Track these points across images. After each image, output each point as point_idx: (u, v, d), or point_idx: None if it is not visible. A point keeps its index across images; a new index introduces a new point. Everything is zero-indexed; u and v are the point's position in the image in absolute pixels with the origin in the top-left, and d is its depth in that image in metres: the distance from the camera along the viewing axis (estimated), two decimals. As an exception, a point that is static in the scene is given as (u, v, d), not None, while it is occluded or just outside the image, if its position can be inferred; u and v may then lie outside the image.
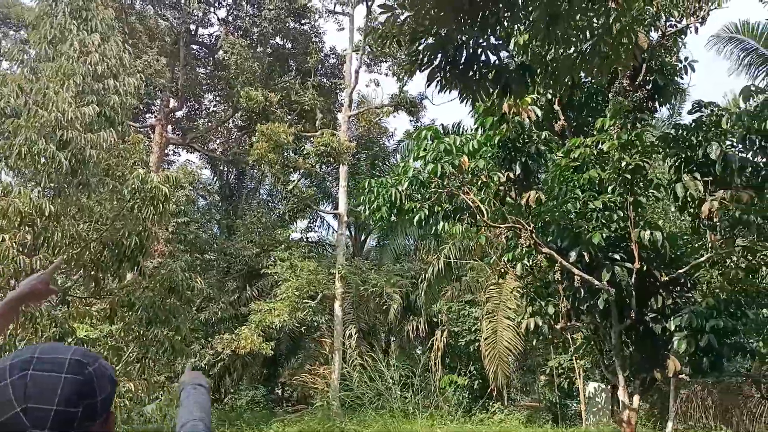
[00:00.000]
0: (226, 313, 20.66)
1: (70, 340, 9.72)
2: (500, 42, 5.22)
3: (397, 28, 5.03)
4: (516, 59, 5.44)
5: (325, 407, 17.37)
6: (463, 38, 5.08)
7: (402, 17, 5.03)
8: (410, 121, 24.75)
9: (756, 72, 17.52)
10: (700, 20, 8.63)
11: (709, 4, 8.62)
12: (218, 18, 26.60)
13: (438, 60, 5.02)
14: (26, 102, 9.47)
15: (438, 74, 5.03)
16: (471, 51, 5.09)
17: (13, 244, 8.75)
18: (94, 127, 10.03)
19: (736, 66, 17.97)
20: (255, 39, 24.43)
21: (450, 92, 5.12)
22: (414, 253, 24.76)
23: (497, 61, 5.19)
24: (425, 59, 5.07)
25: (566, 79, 5.44)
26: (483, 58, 5.11)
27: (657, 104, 8.89)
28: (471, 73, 5.07)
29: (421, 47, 5.05)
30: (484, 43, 5.12)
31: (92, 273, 10.06)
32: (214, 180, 28.06)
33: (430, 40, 5.09)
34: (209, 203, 26.41)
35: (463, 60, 5.06)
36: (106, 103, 10.41)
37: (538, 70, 5.47)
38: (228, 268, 23.21)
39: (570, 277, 8.55)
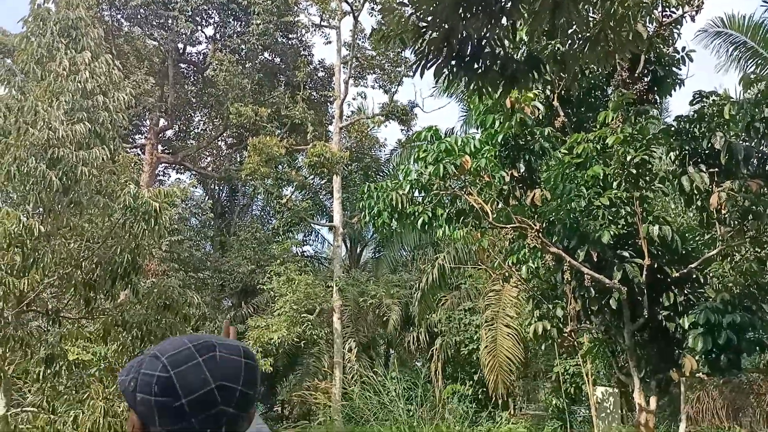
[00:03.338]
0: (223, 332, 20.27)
1: (60, 363, 9.42)
2: (505, 33, 5.05)
3: (401, 26, 4.87)
4: (523, 50, 5.25)
5: (328, 422, 17.02)
6: (467, 31, 4.92)
7: (405, 14, 4.88)
8: (401, 130, 24.66)
9: (746, 65, 17.45)
10: (695, 9, 8.50)
11: (705, -8, 8.49)
12: (206, 36, 26.52)
13: (444, 54, 4.85)
14: (17, 120, 9.21)
15: (445, 69, 4.87)
16: (476, 43, 4.92)
17: (2, 266, 8.46)
18: (85, 144, 9.79)
19: (724, 61, 17.91)
20: (243, 55, 24.31)
21: (457, 86, 4.94)
22: (411, 264, 24.52)
23: (502, 52, 5.02)
24: (431, 55, 4.90)
25: (575, 68, 5.26)
26: (488, 49, 4.95)
27: (657, 96, 8.73)
28: (477, 65, 4.90)
29: (425, 42, 4.88)
30: (489, 34, 4.95)
31: (84, 293, 9.75)
32: (206, 198, 27.79)
33: (434, 35, 4.93)
34: (202, 221, 26.12)
35: (468, 52, 4.89)
36: (96, 120, 10.17)
37: (547, 61, 5.30)
38: (222, 285, 22.90)
39: (579, 278, 8.32)
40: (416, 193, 8.80)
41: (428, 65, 4.92)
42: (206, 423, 1.16)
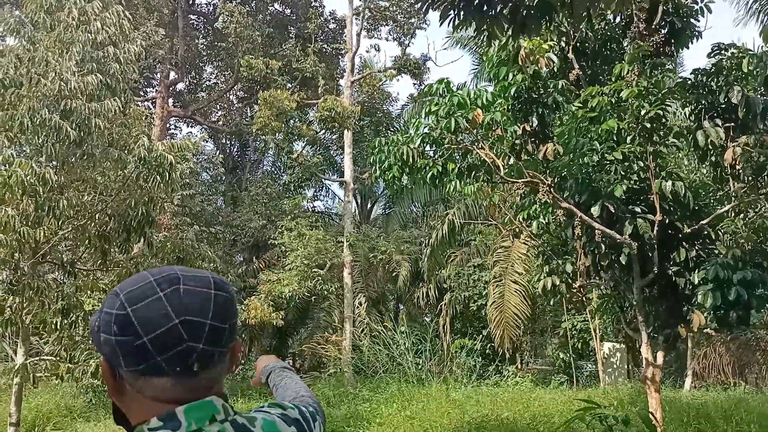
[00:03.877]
0: (235, 285, 20.54)
1: (77, 313, 9.58)
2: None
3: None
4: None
5: (339, 374, 17.35)
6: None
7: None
8: (414, 84, 24.37)
9: (766, 18, 17.01)
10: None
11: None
12: (216, -15, 26.12)
13: (452, -5, 4.75)
14: (28, 71, 9.19)
15: (452, 11, 4.77)
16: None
17: (17, 215, 8.56)
18: (97, 96, 9.78)
19: (743, 14, 17.51)
20: (254, 6, 23.96)
21: (469, 37, 4.85)
22: (421, 220, 24.58)
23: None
24: (439, -5, 4.80)
25: (583, 13, 5.15)
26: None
27: (674, 49, 8.55)
28: (486, 8, 4.80)
29: (434, -17, 4.78)
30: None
31: (98, 245, 9.87)
32: (217, 153, 27.80)
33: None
34: (213, 176, 26.19)
35: (478, -6, 4.79)
36: (107, 72, 10.13)
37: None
38: (234, 240, 23.09)
39: (589, 233, 8.31)
40: (427, 148, 8.76)
41: (434, 6, 4.81)
42: (173, 361, 1.08)
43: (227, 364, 1.19)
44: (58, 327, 9.56)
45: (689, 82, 8.18)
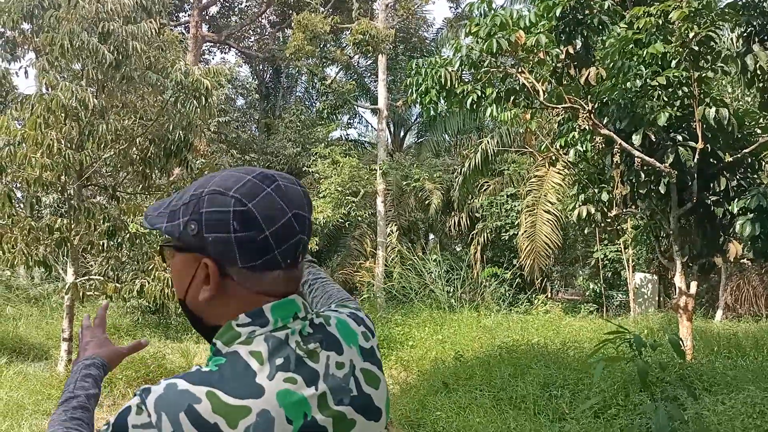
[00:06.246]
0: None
1: (123, 234, 9.88)
2: None
3: None
4: None
5: (372, 299, 17.73)
6: None
7: None
8: (450, 7, 23.69)
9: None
10: None
11: None
12: None
13: None
14: (66, -9, 9.21)
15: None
16: None
17: (61, 138, 8.75)
18: (133, 18, 9.79)
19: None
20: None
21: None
22: (454, 149, 24.38)
23: None
24: None
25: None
26: None
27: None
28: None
29: None
30: None
31: (140, 169, 10.08)
32: (252, 78, 27.64)
33: None
34: (248, 102, 26.14)
35: None
36: (142, -7, 10.07)
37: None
38: (269, 167, 23.21)
39: (628, 161, 8.21)
40: (465, 71, 8.61)
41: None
42: (287, 253, 1.13)
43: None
44: (105, 248, 9.92)
45: (740, 2, 7.84)
